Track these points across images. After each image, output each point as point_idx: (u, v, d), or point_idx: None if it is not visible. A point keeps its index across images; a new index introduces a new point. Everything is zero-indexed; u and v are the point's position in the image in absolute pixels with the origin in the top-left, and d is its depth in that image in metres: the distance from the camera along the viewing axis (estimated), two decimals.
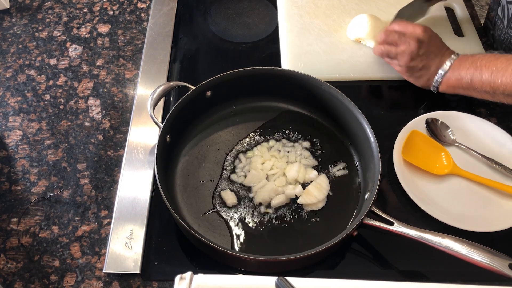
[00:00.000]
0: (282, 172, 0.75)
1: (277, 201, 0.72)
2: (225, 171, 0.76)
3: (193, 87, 0.77)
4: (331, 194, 0.74)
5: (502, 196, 0.74)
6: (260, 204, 0.73)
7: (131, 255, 0.68)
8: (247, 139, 0.80)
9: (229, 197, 0.73)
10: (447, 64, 0.79)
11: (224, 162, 0.77)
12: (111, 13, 1.01)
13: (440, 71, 0.80)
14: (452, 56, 0.80)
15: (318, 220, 0.71)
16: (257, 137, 0.80)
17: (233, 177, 0.76)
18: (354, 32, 0.92)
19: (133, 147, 0.79)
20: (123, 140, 0.81)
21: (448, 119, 0.82)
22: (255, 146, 0.79)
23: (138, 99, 0.86)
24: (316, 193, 0.72)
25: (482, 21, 1.01)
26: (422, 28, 0.81)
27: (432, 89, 0.83)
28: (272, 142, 0.80)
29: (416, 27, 0.81)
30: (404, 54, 0.81)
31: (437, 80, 0.81)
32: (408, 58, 0.81)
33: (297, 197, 0.73)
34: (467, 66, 0.77)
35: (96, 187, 0.76)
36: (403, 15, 0.89)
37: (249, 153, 0.78)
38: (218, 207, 0.73)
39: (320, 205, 0.72)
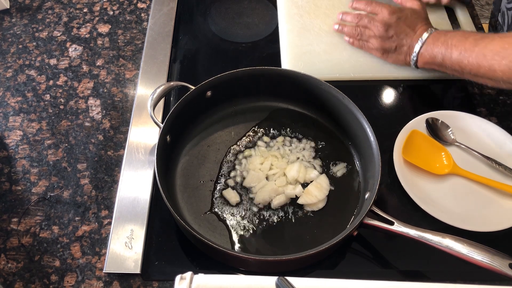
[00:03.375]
0: (282, 172, 0.75)
1: (277, 201, 0.72)
2: (225, 171, 0.76)
3: (193, 87, 0.77)
4: (331, 194, 0.74)
5: (502, 196, 0.74)
6: (260, 204, 0.73)
7: (131, 255, 0.68)
8: (247, 139, 0.80)
9: (232, 196, 0.73)
10: (418, 44, 0.81)
11: (224, 162, 0.77)
12: (111, 13, 1.01)
13: (415, 49, 0.82)
14: (424, 34, 0.81)
15: (318, 220, 0.71)
16: (257, 137, 0.80)
17: (233, 176, 0.76)
18: None
19: (133, 147, 0.79)
20: (123, 140, 0.81)
21: (448, 118, 0.82)
22: (254, 146, 0.79)
23: (138, 99, 0.86)
24: (316, 193, 0.72)
25: (482, 21, 1.01)
26: (388, 11, 0.83)
27: (412, 66, 0.85)
28: (272, 142, 0.80)
29: (383, 9, 0.84)
30: (376, 37, 0.85)
31: (413, 59, 0.83)
32: (379, 41, 0.85)
33: (297, 197, 0.73)
34: (439, 44, 0.78)
35: (97, 187, 0.76)
36: None
37: (246, 152, 0.78)
38: (218, 207, 0.73)
39: (321, 205, 0.72)
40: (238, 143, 0.80)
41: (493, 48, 0.71)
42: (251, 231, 0.70)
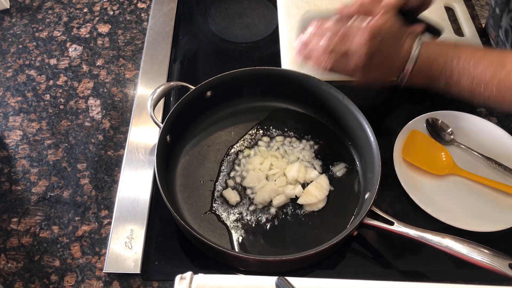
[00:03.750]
0: (282, 172, 0.75)
1: (277, 201, 0.72)
2: (225, 171, 0.76)
3: (193, 87, 0.77)
4: (331, 194, 0.74)
5: (502, 196, 0.74)
6: (260, 204, 0.73)
7: (131, 255, 0.68)
8: (247, 139, 0.80)
9: (232, 196, 0.73)
10: (415, 46, 0.68)
11: (224, 162, 0.77)
12: (111, 13, 1.01)
13: (411, 54, 0.68)
14: (415, 43, 0.68)
15: (318, 220, 0.71)
16: (257, 137, 0.80)
17: (233, 176, 0.76)
18: None
19: (133, 147, 0.79)
20: (123, 140, 0.81)
21: (448, 119, 0.82)
22: (254, 146, 0.79)
23: (138, 99, 0.86)
24: (316, 193, 0.72)
25: (482, 21, 1.01)
26: (368, 36, 0.66)
27: (396, 82, 0.72)
28: (272, 142, 0.80)
29: (360, 33, 0.67)
30: (358, 51, 0.67)
31: (405, 71, 0.69)
32: (363, 55, 0.67)
33: (297, 197, 0.73)
34: (437, 49, 0.68)
35: (96, 187, 0.76)
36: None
37: (246, 152, 0.78)
38: (218, 207, 0.73)
39: (321, 205, 0.72)
40: (238, 143, 0.80)
41: None
42: (251, 231, 0.70)
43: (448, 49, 0.67)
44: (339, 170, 0.77)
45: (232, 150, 0.79)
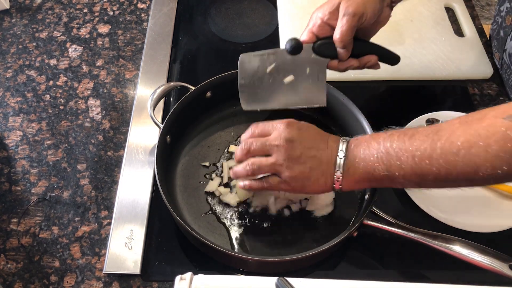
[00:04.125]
0: None
1: (276, 204, 0.72)
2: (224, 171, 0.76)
3: (193, 88, 0.77)
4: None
5: (502, 196, 0.74)
6: (259, 207, 0.72)
7: (131, 256, 0.68)
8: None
9: (231, 197, 0.73)
10: (340, 153, 0.59)
11: (222, 163, 0.77)
12: (111, 13, 1.01)
13: (338, 162, 0.59)
14: (341, 142, 0.60)
15: (318, 221, 0.71)
16: None
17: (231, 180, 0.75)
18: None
19: (133, 148, 0.79)
20: (123, 141, 0.81)
21: (448, 119, 0.81)
22: None
23: (138, 100, 0.85)
24: (323, 196, 0.71)
25: (482, 21, 1.01)
26: (284, 123, 0.62)
27: (333, 191, 0.66)
28: None
29: (275, 124, 0.63)
30: (278, 165, 0.60)
31: (337, 178, 0.60)
32: (285, 167, 0.60)
33: (300, 202, 0.72)
34: (373, 143, 0.58)
35: (96, 188, 0.76)
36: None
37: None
38: (218, 208, 0.72)
39: (329, 209, 0.72)
40: (238, 143, 0.80)
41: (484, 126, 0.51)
42: (250, 232, 0.70)
43: (377, 136, 0.58)
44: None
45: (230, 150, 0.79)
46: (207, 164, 0.77)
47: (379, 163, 0.56)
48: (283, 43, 0.93)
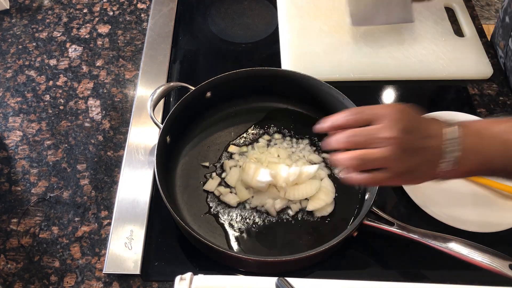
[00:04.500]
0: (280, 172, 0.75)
1: (276, 204, 0.72)
2: (224, 172, 0.76)
3: (193, 88, 0.77)
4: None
5: (502, 196, 0.74)
6: (258, 207, 0.72)
7: (131, 256, 0.68)
8: (247, 139, 0.80)
9: (231, 197, 0.73)
10: (452, 141, 0.54)
11: (222, 163, 0.77)
12: (111, 13, 1.01)
13: (448, 149, 0.54)
14: (452, 128, 0.55)
15: (318, 221, 0.71)
16: (256, 137, 0.80)
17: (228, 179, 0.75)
18: None
19: (133, 148, 0.79)
20: (123, 141, 0.81)
21: (448, 119, 0.81)
22: (253, 145, 0.79)
23: (138, 100, 0.85)
24: (323, 196, 0.71)
25: (482, 22, 1.01)
26: (393, 108, 0.55)
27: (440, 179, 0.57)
28: (272, 142, 0.79)
29: (383, 109, 0.55)
30: (389, 158, 0.53)
31: (446, 166, 0.54)
32: (396, 159, 0.53)
33: (300, 202, 0.72)
34: (486, 133, 0.54)
35: (96, 188, 0.76)
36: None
37: (243, 149, 0.78)
38: (218, 208, 0.72)
39: (329, 209, 0.72)
40: (238, 143, 0.80)
41: None
42: (250, 232, 0.70)
43: (491, 125, 0.55)
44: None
45: (229, 150, 0.79)
46: (207, 164, 0.77)
47: (496, 156, 0.53)
48: (283, 43, 0.93)
